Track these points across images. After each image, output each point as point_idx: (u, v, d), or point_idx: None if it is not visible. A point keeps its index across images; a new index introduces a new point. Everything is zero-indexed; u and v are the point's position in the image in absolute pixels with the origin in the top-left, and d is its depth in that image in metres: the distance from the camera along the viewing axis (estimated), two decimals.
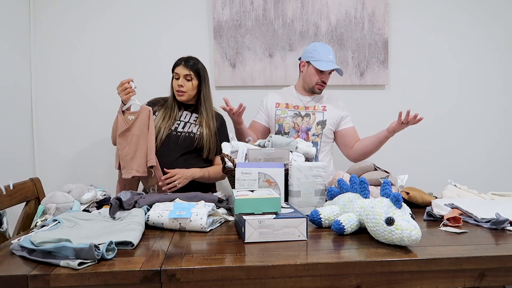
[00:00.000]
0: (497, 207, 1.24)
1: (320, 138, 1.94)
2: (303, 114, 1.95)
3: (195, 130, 1.81)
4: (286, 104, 1.98)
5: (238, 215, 1.07)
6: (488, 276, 0.91)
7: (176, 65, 1.82)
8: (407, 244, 0.92)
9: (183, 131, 1.81)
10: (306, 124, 1.93)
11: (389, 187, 1.01)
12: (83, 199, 1.37)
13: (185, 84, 1.79)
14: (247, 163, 1.39)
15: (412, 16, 2.46)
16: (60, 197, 1.30)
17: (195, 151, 1.80)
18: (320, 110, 1.96)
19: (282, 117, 1.96)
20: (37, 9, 2.27)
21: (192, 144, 1.79)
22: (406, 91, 2.49)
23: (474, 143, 2.54)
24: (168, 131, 1.79)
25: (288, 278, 0.86)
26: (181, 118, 1.84)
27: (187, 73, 1.78)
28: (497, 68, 2.53)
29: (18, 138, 2.15)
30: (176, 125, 1.82)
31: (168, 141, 1.77)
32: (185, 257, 0.90)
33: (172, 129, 1.80)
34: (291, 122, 1.94)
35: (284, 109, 1.97)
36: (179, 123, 1.83)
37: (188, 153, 1.79)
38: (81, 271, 0.82)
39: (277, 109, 1.98)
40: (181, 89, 1.79)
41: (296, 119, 1.94)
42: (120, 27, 2.33)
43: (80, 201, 1.36)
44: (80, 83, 2.33)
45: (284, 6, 2.35)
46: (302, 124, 1.94)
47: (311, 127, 1.93)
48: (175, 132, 1.80)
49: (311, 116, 1.94)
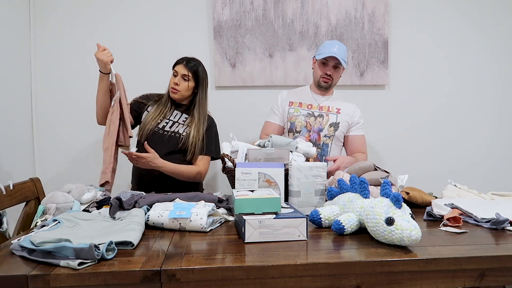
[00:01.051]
0: (497, 207, 1.24)
1: (331, 140, 1.94)
2: (317, 114, 1.95)
3: (181, 131, 1.81)
4: (299, 103, 1.98)
5: (238, 215, 1.07)
6: (488, 276, 0.91)
7: (177, 63, 1.82)
8: (407, 244, 0.92)
9: (170, 130, 1.81)
10: (319, 125, 1.93)
11: (389, 187, 1.01)
12: (83, 199, 1.37)
13: (181, 83, 1.79)
14: (247, 163, 1.39)
15: (412, 16, 2.46)
16: (60, 197, 1.30)
17: (179, 151, 1.80)
18: (334, 112, 1.95)
19: (295, 116, 1.95)
20: (37, 9, 2.27)
21: (177, 144, 1.78)
22: (406, 91, 2.49)
23: (475, 143, 2.54)
24: (155, 128, 1.79)
25: (288, 278, 0.86)
26: (171, 117, 1.84)
27: (185, 73, 1.78)
28: (498, 68, 2.53)
29: (18, 138, 2.15)
30: (164, 123, 1.82)
31: (152, 138, 1.76)
32: (185, 257, 0.90)
33: (159, 127, 1.80)
34: (304, 121, 1.94)
35: (298, 107, 1.97)
36: (167, 122, 1.82)
37: (172, 153, 1.78)
38: (81, 271, 0.82)
39: (290, 107, 1.99)
40: (176, 87, 1.79)
41: (309, 118, 1.94)
42: (120, 27, 2.33)
43: (80, 201, 1.36)
44: (80, 83, 2.33)
45: (284, 6, 2.35)
46: (315, 124, 1.93)
47: (323, 128, 1.93)
48: (161, 130, 1.80)
49: (325, 117, 1.94)
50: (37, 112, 2.30)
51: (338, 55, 1.84)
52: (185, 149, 1.79)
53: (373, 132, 2.43)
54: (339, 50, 1.87)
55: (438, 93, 2.51)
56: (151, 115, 1.81)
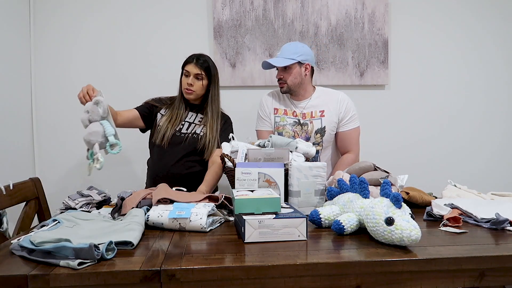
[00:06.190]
0: (497, 207, 1.24)
1: (321, 147, 1.89)
2: (302, 122, 1.88)
3: (198, 131, 1.80)
4: (284, 110, 1.91)
5: (238, 215, 1.07)
6: (488, 276, 0.91)
7: (187, 62, 1.78)
8: (407, 244, 0.92)
9: (187, 132, 1.80)
10: (305, 134, 1.87)
11: (389, 187, 1.01)
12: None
13: (195, 83, 1.76)
14: (247, 163, 1.39)
15: (412, 16, 2.46)
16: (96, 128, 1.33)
17: (198, 152, 1.79)
18: (318, 116, 1.87)
19: (282, 125, 1.89)
20: (37, 9, 2.27)
21: (196, 145, 1.77)
22: (406, 91, 2.49)
23: (475, 143, 2.54)
24: (173, 131, 1.78)
25: (288, 278, 0.86)
26: (186, 118, 1.83)
27: (198, 72, 1.75)
28: (498, 67, 2.53)
29: (18, 138, 2.15)
30: (180, 125, 1.81)
31: (173, 142, 1.77)
32: (185, 257, 0.90)
33: (176, 129, 1.79)
34: (291, 130, 1.88)
35: (283, 115, 1.91)
36: (183, 124, 1.81)
37: (190, 154, 1.78)
38: (81, 271, 0.82)
39: (276, 116, 1.92)
40: (191, 88, 1.76)
41: (296, 127, 1.88)
42: (120, 28, 2.33)
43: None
44: (80, 83, 2.30)
45: (284, 6, 2.35)
46: (302, 133, 1.88)
47: (310, 136, 1.87)
48: (179, 133, 1.79)
49: (309, 125, 1.87)
50: (37, 112, 2.30)
51: (271, 60, 1.81)
52: (202, 148, 1.77)
53: (373, 132, 2.43)
54: (283, 51, 1.83)
55: (438, 93, 2.51)
56: (167, 119, 1.78)
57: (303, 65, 1.83)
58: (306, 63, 1.84)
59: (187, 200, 1.23)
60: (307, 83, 1.89)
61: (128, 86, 2.34)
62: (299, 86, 1.87)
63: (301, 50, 1.83)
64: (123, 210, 1.23)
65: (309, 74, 1.88)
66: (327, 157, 1.95)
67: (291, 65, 1.81)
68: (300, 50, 1.83)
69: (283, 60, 1.81)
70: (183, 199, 1.24)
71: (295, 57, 1.80)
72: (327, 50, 2.39)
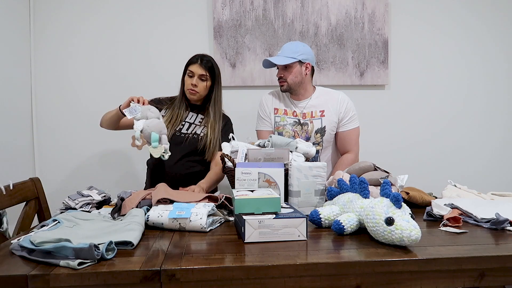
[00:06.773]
0: (497, 207, 1.24)
1: (321, 147, 1.89)
2: (302, 121, 1.88)
3: (199, 132, 1.80)
4: (284, 110, 1.91)
5: (238, 215, 1.07)
6: (488, 276, 0.91)
7: (191, 63, 1.77)
8: (407, 244, 0.92)
9: (187, 132, 1.79)
10: (305, 134, 1.87)
11: (389, 187, 1.01)
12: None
13: (199, 84, 1.75)
14: (247, 163, 1.39)
15: (412, 16, 2.46)
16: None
17: (198, 152, 1.79)
18: (318, 116, 1.88)
19: (282, 125, 1.89)
20: (37, 9, 2.27)
21: (196, 145, 1.77)
22: (406, 91, 2.49)
23: (475, 143, 2.54)
24: (173, 131, 1.77)
25: (288, 278, 0.86)
26: (187, 119, 1.83)
27: (202, 73, 1.74)
28: (498, 67, 2.53)
29: (18, 138, 2.16)
30: (180, 126, 1.80)
31: (173, 142, 1.76)
32: (185, 257, 0.90)
33: (176, 129, 1.78)
34: (291, 130, 1.88)
35: (283, 115, 1.91)
36: (183, 124, 1.81)
37: (191, 154, 1.78)
38: (81, 271, 0.82)
39: (276, 116, 1.92)
40: (195, 89, 1.75)
41: (296, 127, 1.88)
42: (120, 28, 2.33)
43: None
44: (80, 83, 2.33)
45: (284, 6, 2.35)
46: (302, 133, 1.88)
47: (310, 136, 1.87)
48: (179, 133, 1.78)
49: (309, 125, 1.87)
50: (37, 112, 2.30)
51: (272, 58, 1.81)
52: (203, 149, 1.77)
53: (373, 132, 2.43)
54: (284, 50, 1.83)
55: (438, 93, 2.51)
56: (167, 119, 1.78)
57: (303, 64, 1.84)
58: (306, 62, 1.84)
59: (187, 200, 1.23)
60: (307, 82, 1.90)
61: (128, 86, 2.34)
62: (299, 85, 1.87)
63: (302, 50, 1.83)
64: (122, 210, 1.23)
65: (310, 73, 1.89)
66: (327, 157, 1.95)
67: (292, 63, 1.82)
68: (301, 49, 1.83)
69: (284, 58, 1.81)
70: (183, 199, 1.24)
71: (296, 56, 1.81)
72: (327, 50, 2.39)
